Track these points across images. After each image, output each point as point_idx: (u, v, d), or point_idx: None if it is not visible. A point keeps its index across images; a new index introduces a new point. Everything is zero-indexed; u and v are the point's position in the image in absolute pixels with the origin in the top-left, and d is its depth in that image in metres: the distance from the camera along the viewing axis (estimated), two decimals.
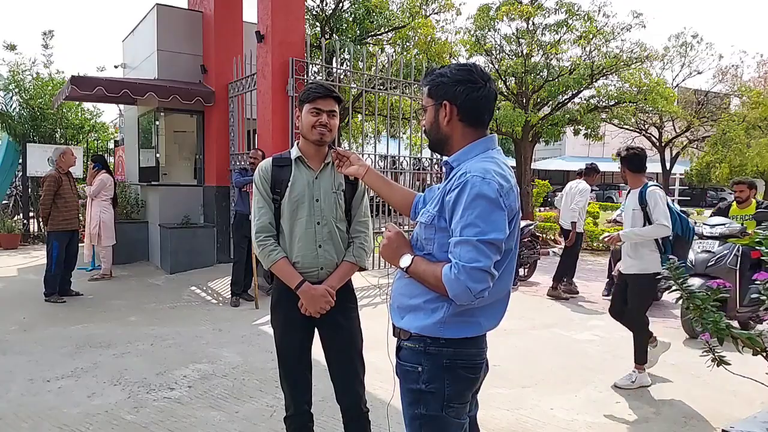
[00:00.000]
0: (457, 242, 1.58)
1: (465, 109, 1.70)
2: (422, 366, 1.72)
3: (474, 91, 1.68)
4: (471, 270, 1.53)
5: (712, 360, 2.02)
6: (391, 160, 8.65)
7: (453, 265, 1.57)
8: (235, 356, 4.54)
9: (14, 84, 11.77)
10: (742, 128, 16.75)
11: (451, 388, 1.71)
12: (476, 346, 1.76)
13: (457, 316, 1.68)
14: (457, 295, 1.57)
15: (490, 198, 1.56)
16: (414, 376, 1.74)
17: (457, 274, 1.55)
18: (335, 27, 13.59)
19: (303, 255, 2.33)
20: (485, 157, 1.68)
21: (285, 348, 2.41)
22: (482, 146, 1.72)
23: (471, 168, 1.62)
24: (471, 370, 1.75)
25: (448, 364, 1.71)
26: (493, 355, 4.81)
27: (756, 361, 1.98)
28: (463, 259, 1.55)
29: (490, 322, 1.76)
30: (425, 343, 1.71)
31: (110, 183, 7.83)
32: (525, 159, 14.87)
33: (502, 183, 1.60)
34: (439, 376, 1.71)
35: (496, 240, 1.56)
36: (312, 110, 2.30)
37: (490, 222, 1.56)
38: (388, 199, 2.08)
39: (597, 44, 14.19)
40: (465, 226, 1.57)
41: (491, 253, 1.56)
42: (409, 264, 1.71)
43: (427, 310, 1.70)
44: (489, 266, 1.55)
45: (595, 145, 19.16)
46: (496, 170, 1.62)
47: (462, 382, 1.74)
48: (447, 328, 1.69)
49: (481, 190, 1.56)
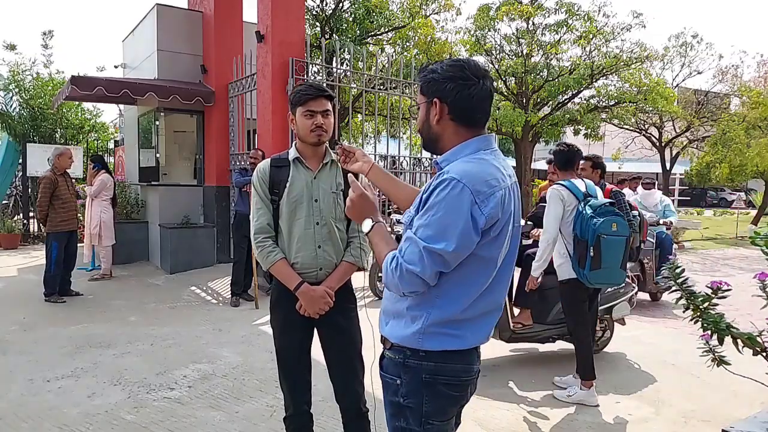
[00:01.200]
0: (408, 237, 1.52)
1: (456, 107, 1.58)
2: (401, 379, 1.63)
3: (465, 88, 1.57)
4: (406, 270, 1.49)
5: (712, 360, 2.01)
6: (391, 160, 8.65)
7: (394, 257, 1.53)
8: (235, 356, 4.54)
9: (14, 84, 11.78)
10: (742, 128, 16.75)
11: (430, 405, 1.61)
12: (462, 362, 1.62)
13: (438, 326, 1.58)
14: (387, 283, 1.57)
15: (456, 205, 1.46)
16: (393, 389, 1.66)
17: (393, 268, 1.52)
18: (335, 27, 13.59)
19: (302, 255, 2.32)
20: (472, 158, 1.56)
21: (284, 348, 2.41)
22: (473, 146, 1.59)
23: (452, 169, 1.52)
24: (454, 388, 1.62)
25: (428, 380, 1.60)
26: (493, 355, 4.81)
27: (756, 361, 1.98)
28: (404, 257, 1.51)
29: (477, 336, 1.63)
30: (405, 355, 1.62)
31: (110, 183, 7.84)
32: (525, 159, 14.87)
33: (480, 189, 1.48)
34: (418, 391, 1.61)
35: (443, 252, 1.46)
36: (305, 113, 2.28)
37: (445, 230, 1.46)
38: (393, 196, 2.04)
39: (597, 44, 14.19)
40: (421, 225, 1.50)
41: (432, 263, 1.47)
42: (369, 230, 1.70)
43: (407, 317, 1.62)
44: (425, 275, 1.48)
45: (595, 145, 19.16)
46: (477, 173, 1.50)
47: (442, 399, 1.62)
48: (427, 339, 1.58)
49: (450, 194, 1.46)
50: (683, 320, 2.07)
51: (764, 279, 1.96)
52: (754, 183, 24.46)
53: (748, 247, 13.63)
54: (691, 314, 2.01)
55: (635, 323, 6.01)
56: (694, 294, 2.01)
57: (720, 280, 1.97)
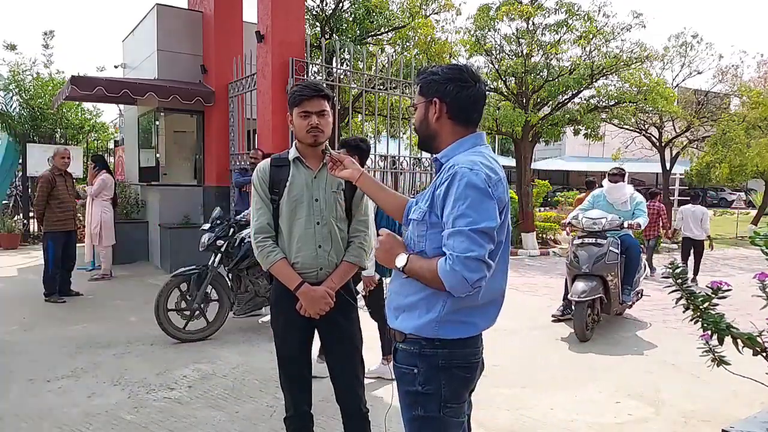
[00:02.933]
0: (450, 234, 1.58)
1: (454, 106, 1.73)
2: (418, 368, 1.72)
3: (464, 89, 1.71)
4: (465, 260, 1.53)
5: (712, 360, 2.01)
6: (391, 160, 8.65)
7: (447, 257, 1.57)
8: (235, 356, 4.54)
9: (14, 84, 11.78)
10: (742, 128, 16.71)
11: (448, 389, 1.71)
12: (472, 346, 1.75)
13: (453, 315, 1.67)
14: (454, 286, 1.57)
15: (479, 188, 1.58)
16: (410, 378, 1.74)
17: (452, 265, 1.55)
18: (335, 27, 13.57)
19: (302, 255, 2.32)
20: (473, 152, 1.70)
21: (284, 349, 2.41)
22: (470, 142, 1.74)
23: (459, 161, 1.65)
24: (466, 370, 1.75)
25: (444, 365, 1.70)
26: (493, 355, 4.81)
27: (756, 361, 1.98)
28: (457, 250, 1.55)
29: (486, 322, 1.76)
30: (420, 345, 1.71)
31: (111, 183, 7.85)
32: (525, 159, 14.85)
33: (490, 174, 1.62)
34: (435, 377, 1.71)
35: (488, 228, 1.57)
36: (301, 114, 2.27)
37: (482, 211, 1.57)
38: (382, 204, 2.06)
39: (597, 44, 14.18)
40: (457, 217, 1.57)
41: (484, 242, 1.56)
42: (405, 263, 1.70)
43: (422, 308, 1.70)
44: (483, 255, 1.55)
45: (595, 145, 19.13)
46: (483, 162, 1.64)
47: (458, 382, 1.74)
48: (442, 328, 1.68)
49: (470, 181, 1.58)
50: (683, 320, 2.07)
51: (764, 279, 1.96)
52: (754, 183, 24.44)
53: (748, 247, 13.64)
54: (691, 314, 2.01)
55: (635, 323, 6.01)
56: (694, 294, 2.01)
57: (720, 280, 1.97)
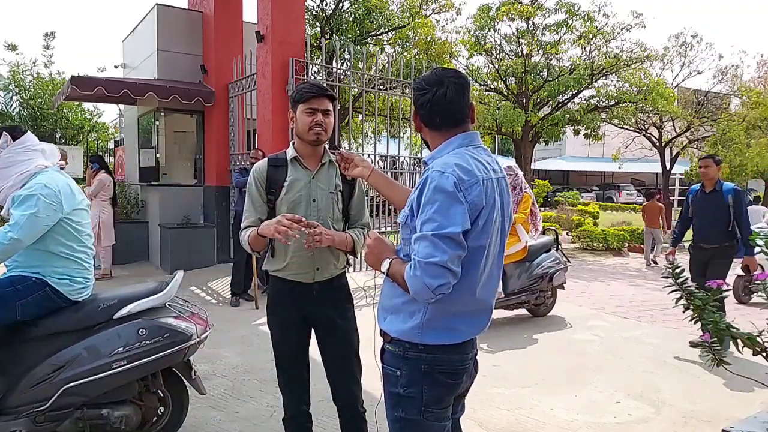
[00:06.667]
0: (416, 238, 1.58)
1: (423, 115, 1.76)
2: (401, 370, 1.71)
3: (422, 96, 1.73)
4: (426, 265, 1.52)
5: (712, 360, 2.01)
6: (391, 160, 8.65)
7: (411, 262, 1.57)
8: (235, 356, 4.54)
9: (14, 84, 11.80)
10: (742, 128, 16.71)
11: (429, 394, 1.69)
12: (459, 352, 1.72)
13: (437, 321, 1.66)
14: (417, 291, 1.55)
15: (447, 191, 1.55)
16: (393, 380, 1.74)
17: (414, 270, 1.54)
18: (335, 27, 13.60)
19: (299, 255, 2.30)
20: (454, 154, 1.68)
21: (282, 349, 2.41)
22: (455, 143, 1.72)
23: (434, 164, 1.65)
24: (451, 376, 1.72)
25: (427, 370, 1.69)
26: (493, 355, 4.80)
27: (756, 361, 1.98)
28: (420, 255, 1.54)
29: (475, 329, 1.74)
30: (404, 348, 1.70)
31: (109, 183, 7.83)
32: (525, 159, 14.86)
33: (463, 177, 1.58)
34: (417, 380, 1.69)
35: (453, 234, 1.53)
36: (306, 110, 2.27)
37: (449, 216, 1.54)
38: (391, 199, 2.08)
39: (597, 44, 14.21)
40: (424, 221, 1.57)
41: (448, 247, 1.53)
42: (388, 267, 1.71)
43: (405, 312, 1.70)
44: (445, 261, 1.52)
45: (595, 145, 19.16)
46: (459, 164, 1.61)
47: (441, 388, 1.71)
48: (426, 334, 1.67)
49: (439, 184, 1.57)
50: (683, 320, 2.07)
51: (764, 279, 1.96)
52: (754, 183, 24.43)
53: None
54: (691, 314, 2.01)
55: (635, 323, 6.01)
56: (694, 294, 2.01)
57: (720, 280, 1.97)
